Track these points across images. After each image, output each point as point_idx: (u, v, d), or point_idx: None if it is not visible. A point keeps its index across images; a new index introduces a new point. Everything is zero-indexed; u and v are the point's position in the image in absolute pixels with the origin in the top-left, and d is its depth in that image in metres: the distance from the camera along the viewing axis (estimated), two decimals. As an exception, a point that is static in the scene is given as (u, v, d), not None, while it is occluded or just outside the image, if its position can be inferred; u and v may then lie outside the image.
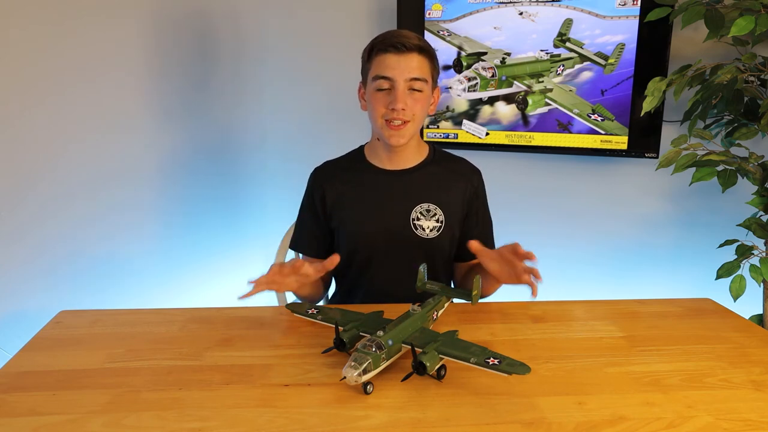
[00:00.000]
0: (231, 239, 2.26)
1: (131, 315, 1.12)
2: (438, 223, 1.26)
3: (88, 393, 0.83)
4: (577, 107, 1.95)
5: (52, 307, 1.15)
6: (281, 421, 0.77)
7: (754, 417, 0.79)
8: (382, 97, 1.20)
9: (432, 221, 1.26)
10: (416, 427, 0.76)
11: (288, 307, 1.11)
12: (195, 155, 2.06)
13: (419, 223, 1.26)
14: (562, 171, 2.11)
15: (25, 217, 1.48)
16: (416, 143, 1.30)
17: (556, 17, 1.91)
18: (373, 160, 1.32)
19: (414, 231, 1.26)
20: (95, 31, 1.62)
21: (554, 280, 2.12)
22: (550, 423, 0.77)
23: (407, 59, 1.17)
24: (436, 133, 2.13)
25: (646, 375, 0.90)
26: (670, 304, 1.20)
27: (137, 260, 1.84)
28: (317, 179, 1.33)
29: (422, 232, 1.26)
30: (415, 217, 1.26)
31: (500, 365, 0.82)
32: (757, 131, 1.62)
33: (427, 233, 1.26)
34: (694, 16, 1.54)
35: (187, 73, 1.98)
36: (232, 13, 2.16)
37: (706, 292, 1.39)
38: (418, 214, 1.26)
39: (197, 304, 1.19)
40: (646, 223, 2.08)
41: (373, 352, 0.84)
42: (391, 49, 1.17)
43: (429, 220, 1.26)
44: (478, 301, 1.12)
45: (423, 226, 1.26)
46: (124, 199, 1.77)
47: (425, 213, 1.26)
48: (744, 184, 1.64)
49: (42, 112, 1.50)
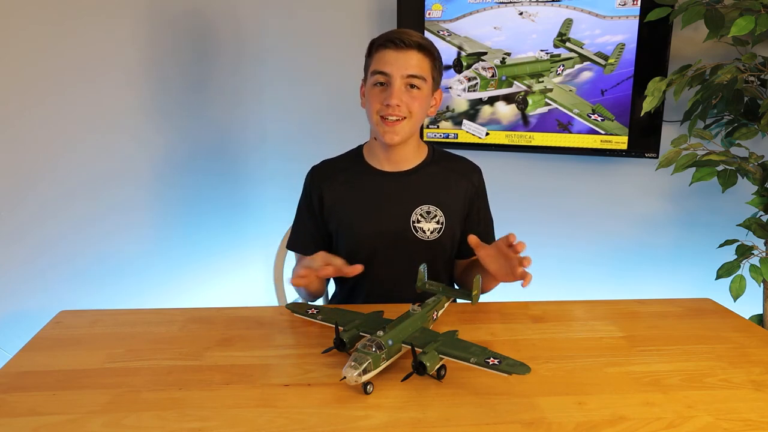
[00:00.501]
0: (231, 239, 2.26)
1: (131, 315, 1.12)
2: (438, 225, 1.26)
3: (88, 393, 0.83)
4: (577, 107, 1.95)
5: (52, 307, 1.15)
6: (281, 421, 0.77)
7: (754, 417, 0.79)
8: (379, 92, 1.19)
9: (432, 223, 1.25)
10: (416, 427, 0.76)
11: (288, 307, 1.11)
12: (195, 155, 2.06)
13: (419, 226, 1.25)
14: (562, 171, 2.11)
15: (25, 217, 1.48)
16: (415, 144, 1.29)
17: (556, 17, 1.91)
18: (372, 161, 1.30)
19: (414, 234, 1.25)
20: (95, 31, 1.62)
21: (554, 280, 2.14)
22: (550, 423, 0.77)
23: (406, 56, 1.17)
24: (436, 133, 2.13)
25: (646, 375, 0.90)
26: (670, 304, 1.20)
27: (137, 260, 1.84)
28: (315, 179, 1.32)
29: (422, 235, 1.25)
30: (415, 219, 1.25)
31: (500, 365, 0.82)
32: (757, 131, 1.62)
33: (427, 235, 1.25)
34: (694, 16, 1.54)
35: (186, 73, 1.98)
36: (232, 13, 2.16)
37: (706, 292, 1.39)
38: (418, 217, 1.25)
39: (197, 304, 1.19)
40: (646, 223, 2.08)
41: (373, 352, 0.84)
42: (390, 44, 1.17)
43: (429, 222, 1.25)
44: (478, 301, 1.12)
45: (423, 229, 1.25)
46: (124, 199, 1.77)
47: (425, 215, 1.25)
48: (744, 184, 1.64)
49: (42, 112, 1.50)
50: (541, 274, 2.11)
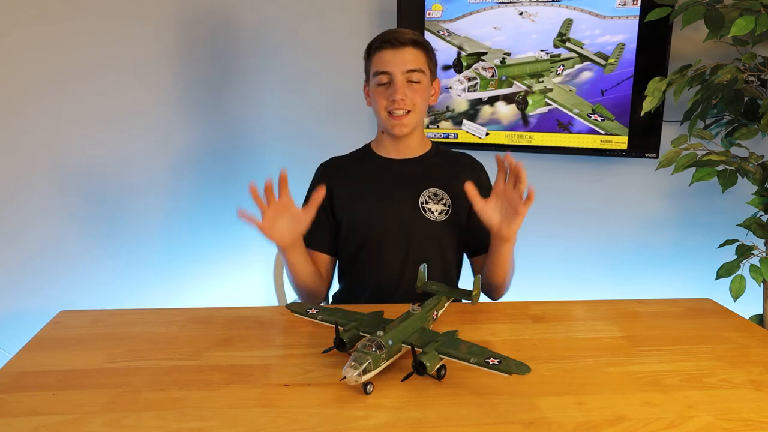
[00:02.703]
0: (231, 239, 2.26)
1: (131, 315, 1.12)
2: (446, 207, 1.31)
3: (88, 393, 0.83)
4: (577, 107, 1.95)
5: (52, 307, 1.15)
6: (281, 421, 0.77)
7: (754, 417, 0.79)
8: (383, 90, 1.27)
9: (440, 205, 1.30)
10: (416, 427, 0.76)
11: (288, 307, 1.11)
12: (193, 156, 2.06)
13: (428, 206, 1.30)
14: (562, 171, 2.11)
15: (25, 217, 1.48)
16: (420, 135, 1.36)
17: (556, 17, 1.91)
18: (381, 152, 1.37)
19: (423, 214, 1.29)
20: (95, 31, 1.62)
21: (554, 280, 2.14)
22: (550, 423, 0.77)
23: (403, 53, 1.24)
24: (436, 133, 2.13)
25: (646, 375, 0.90)
26: (670, 304, 1.20)
27: (137, 260, 1.84)
28: (325, 173, 1.39)
29: (431, 215, 1.30)
30: (423, 200, 1.30)
31: (500, 365, 0.81)
32: (757, 131, 1.62)
33: (435, 216, 1.30)
34: (694, 16, 1.54)
35: (185, 74, 1.98)
36: (232, 14, 2.16)
37: (706, 292, 1.39)
38: (427, 198, 1.31)
39: (197, 304, 1.19)
40: (646, 223, 2.08)
41: (373, 352, 0.84)
42: (387, 45, 1.25)
43: (437, 203, 1.30)
44: (478, 301, 1.12)
45: (432, 209, 1.30)
46: (124, 199, 1.77)
47: (433, 197, 1.31)
48: (744, 184, 1.64)
49: (42, 112, 1.50)
50: (541, 274, 2.12)
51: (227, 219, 2.25)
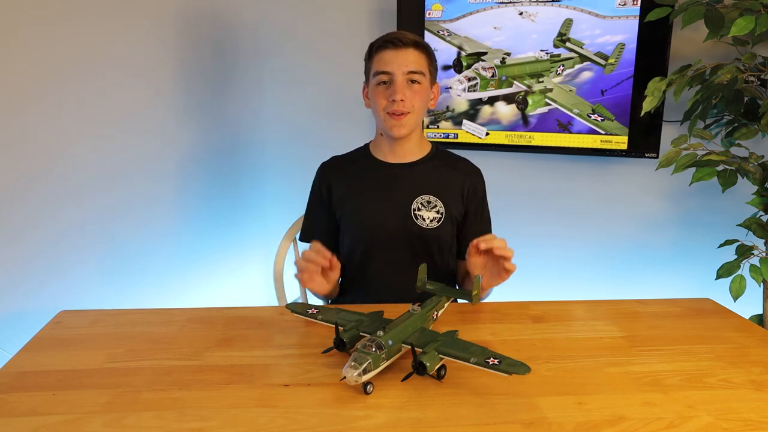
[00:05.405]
0: (231, 239, 2.26)
1: (131, 315, 1.12)
2: (438, 215, 1.30)
3: (88, 393, 0.83)
4: (577, 107, 1.95)
5: (52, 307, 1.15)
6: (281, 421, 0.77)
7: (754, 417, 0.79)
8: (383, 90, 1.27)
9: (432, 212, 1.30)
10: (416, 427, 0.76)
11: (288, 307, 1.11)
12: (194, 156, 2.05)
13: (420, 214, 1.29)
14: (562, 171, 2.11)
15: (25, 217, 1.48)
16: (418, 139, 1.35)
17: (556, 17, 1.91)
18: (377, 155, 1.37)
19: (415, 221, 1.29)
20: (95, 31, 1.62)
21: (554, 280, 2.14)
22: (550, 423, 0.77)
23: (404, 54, 1.24)
24: (436, 133, 2.13)
25: (646, 375, 0.90)
26: (670, 304, 1.20)
27: (137, 260, 1.84)
28: (324, 172, 1.39)
29: (423, 222, 1.29)
30: (415, 207, 1.30)
31: (500, 365, 0.82)
32: (757, 131, 1.62)
33: (427, 224, 1.29)
34: (694, 16, 1.54)
35: (185, 73, 1.98)
36: (232, 14, 2.16)
37: (706, 292, 1.39)
38: (419, 205, 1.30)
39: (197, 304, 1.19)
40: (646, 223, 2.08)
41: (373, 352, 0.84)
42: (389, 45, 1.25)
43: (429, 211, 1.30)
44: (479, 301, 1.12)
45: (423, 217, 1.29)
46: (124, 200, 1.77)
47: (425, 204, 1.30)
48: (744, 184, 1.64)
49: (42, 113, 1.50)
50: (541, 274, 2.12)
51: (227, 219, 2.25)
